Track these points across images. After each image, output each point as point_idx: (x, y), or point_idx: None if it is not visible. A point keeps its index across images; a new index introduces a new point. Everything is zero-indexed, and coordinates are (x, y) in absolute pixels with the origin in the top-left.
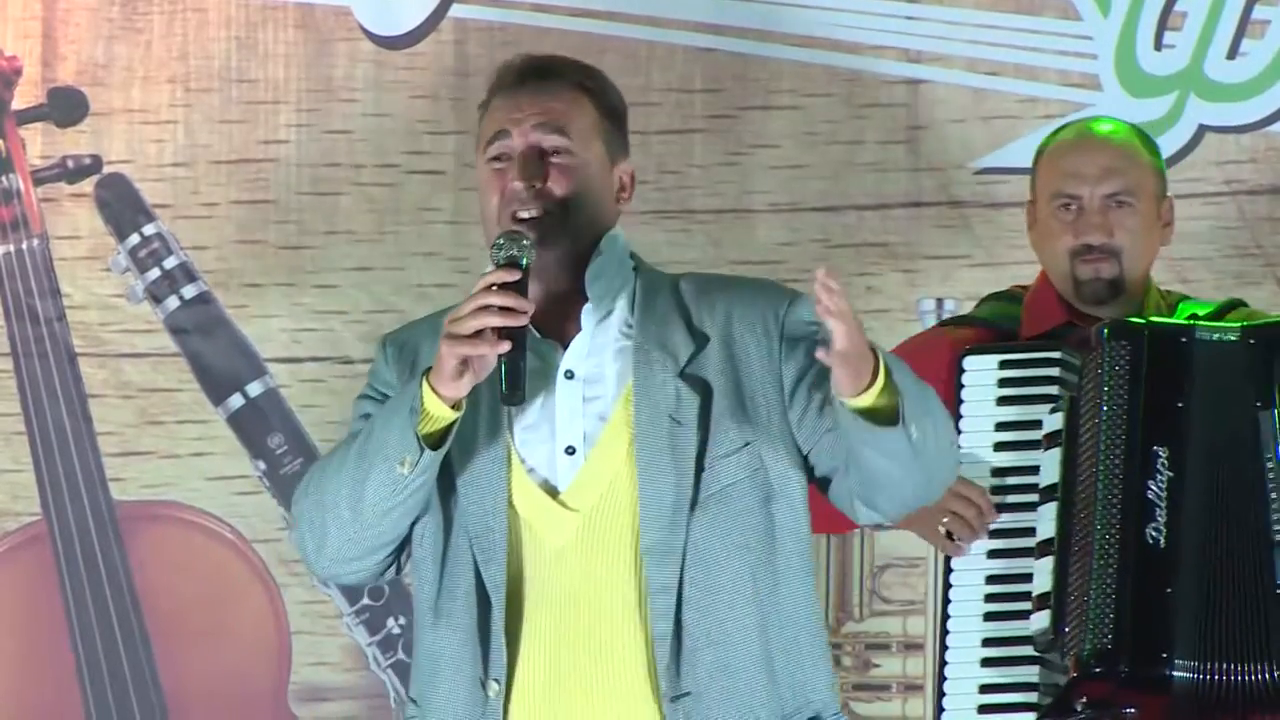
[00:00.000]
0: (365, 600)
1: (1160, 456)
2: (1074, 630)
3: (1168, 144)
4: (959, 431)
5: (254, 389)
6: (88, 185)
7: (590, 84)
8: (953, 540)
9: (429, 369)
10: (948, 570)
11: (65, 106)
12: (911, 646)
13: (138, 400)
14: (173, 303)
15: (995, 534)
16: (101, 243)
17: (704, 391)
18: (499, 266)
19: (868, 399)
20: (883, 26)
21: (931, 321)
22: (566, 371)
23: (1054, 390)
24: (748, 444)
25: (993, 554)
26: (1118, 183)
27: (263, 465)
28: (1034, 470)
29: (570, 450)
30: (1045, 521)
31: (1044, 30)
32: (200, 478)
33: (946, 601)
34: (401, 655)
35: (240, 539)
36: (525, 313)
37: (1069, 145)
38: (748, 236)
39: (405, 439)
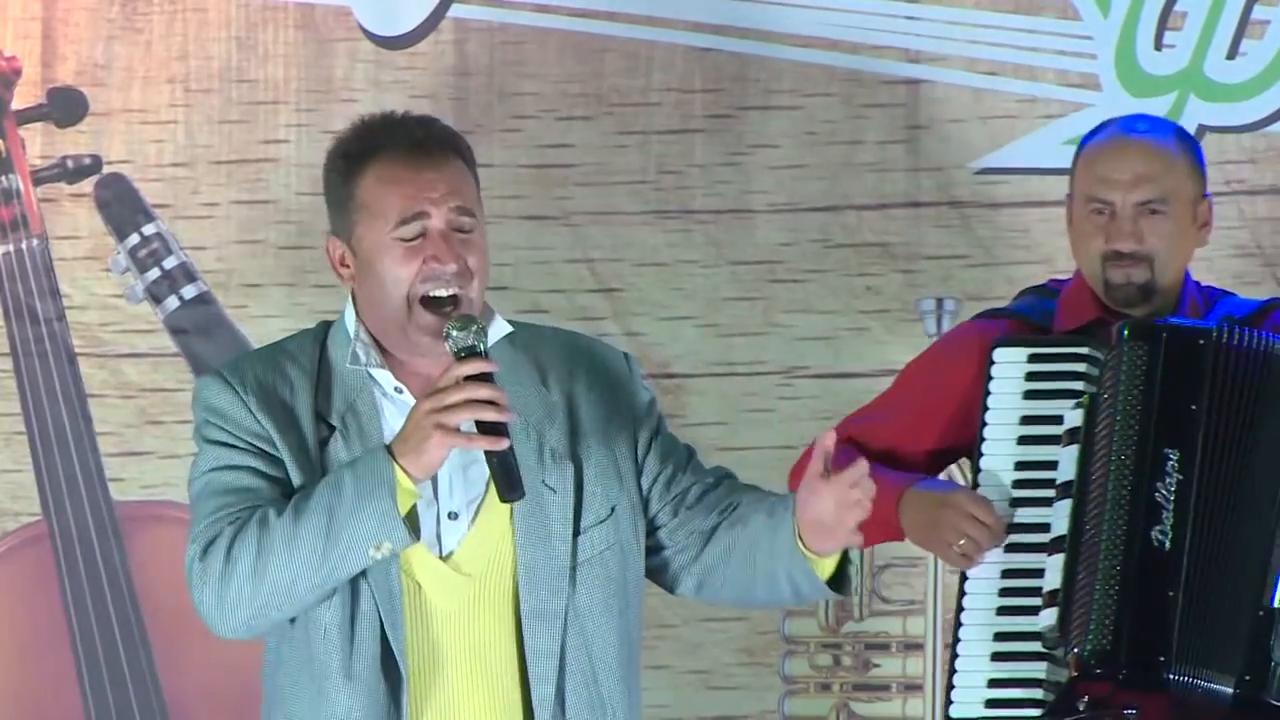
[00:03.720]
0: None
1: (1171, 459)
2: (1077, 629)
3: None
4: (985, 424)
5: None
6: (87, 185)
7: (466, 152)
8: (965, 557)
9: (387, 446)
10: None
11: (65, 106)
12: (911, 646)
13: (137, 400)
14: (172, 303)
15: (1013, 528)
16: (101, 243)
17: (574, 459)
18: (461, 357)
19: (834, 558)
20: (883, 26)
21: (931, 322)
22: None
23: (1079, 386)
24: (613, 509)
25: (1009, 548)
26: (1150, 190)
27: None
28: (1053, 465)
29: (453, 516)
30: (1059, 518)
31: (1043, 30)
32: None
33: (962, 594)
34: None
35: None
36: (506, 405)
37: (1104, 148)
38: (748, 236)
39: (389, 525)
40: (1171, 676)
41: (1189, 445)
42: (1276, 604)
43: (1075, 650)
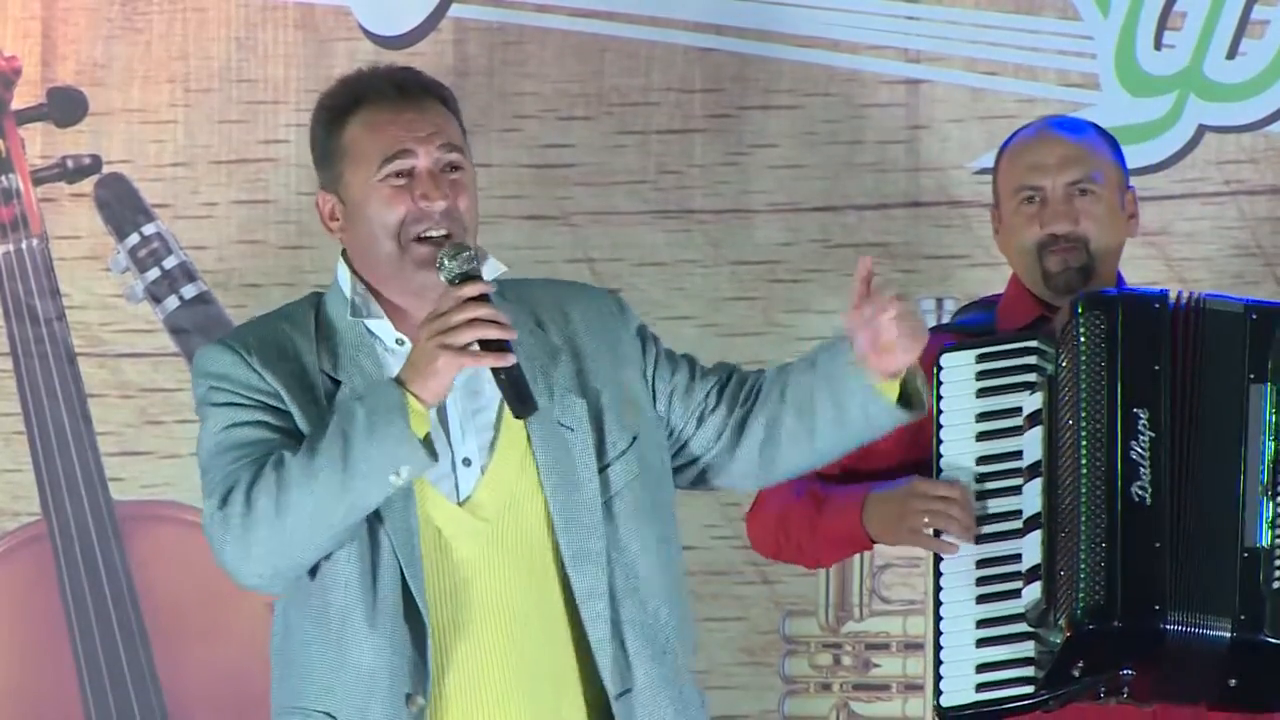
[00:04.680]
0: None
1: (1141, 418)
2: (1065, 593)
3: (1168, 144)
4: (940, 426)
5: None
6: (87, 185)
7: (451, 99)
8: (941, 539)
9: (395, 378)
10: (937, 558)
11: (65, 106)
12: (911, 646)
13: (137, 400)
14: (172, 303)
15: (982, 519)
16: (101, 243)
17: (587, 395)
18: (454, 282)
19: (895, 383)
20: (882, 26)
21: (931, 321)
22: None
23: (1032, 378)
24: (634, 438)
25: (981, 538)
26: (1078, 170)
27: None
28: (1017, 455)
29: (467, 462)
30: (1030, 498)
31: (1043, 30)
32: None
33: (938, 590)
34: None
35: None
36: (508, 324)
37: (1027, 142)
38: (747, 236)
39: (403, 448)
40: (1169, 627)
41: (1156, 404)
42: (1264, 542)
43: (1066, 611)
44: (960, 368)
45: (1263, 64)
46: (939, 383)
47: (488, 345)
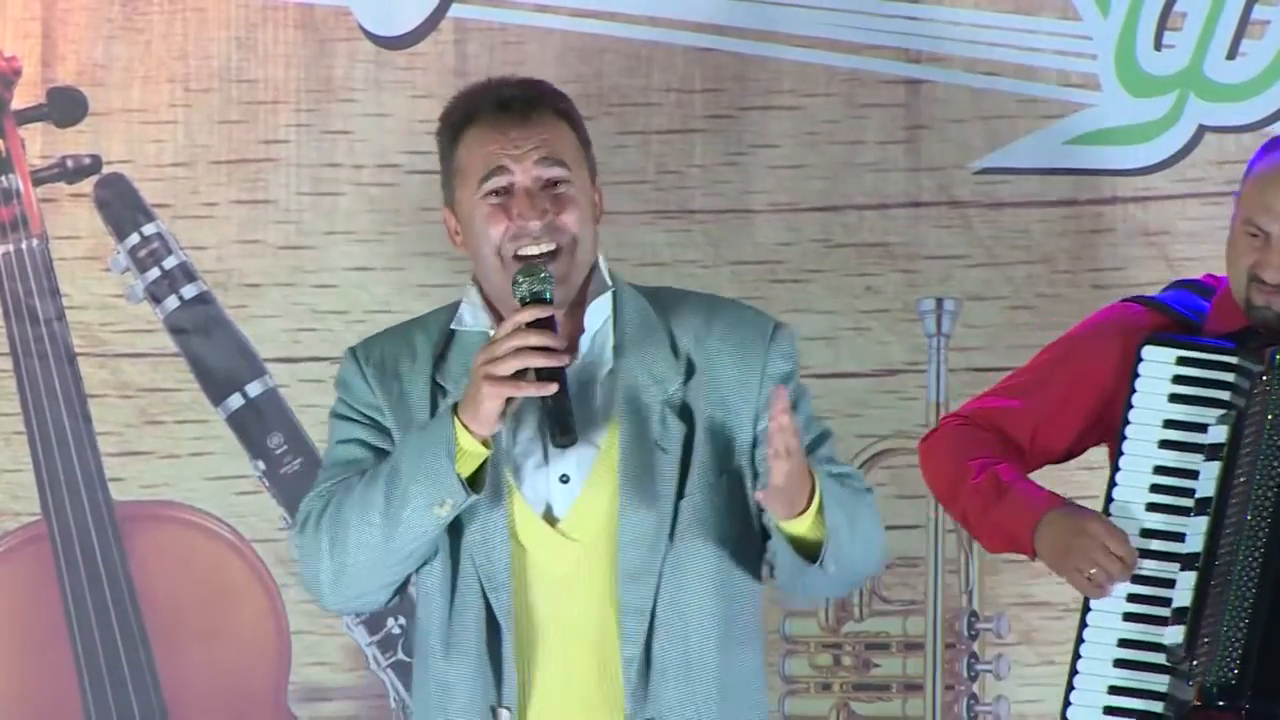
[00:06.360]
0: None
1: None
2: (1203, 655)
3: (1168, 144)
4: (1128, 422)
5: (253, 389)
6: (87, 185)
7: (566, 109)
8: (1092, 581)
9: (454, 404)
10: None
11: (65, 106)
12: (911, 646)
13: (137, 400)
14: (172, 303)
15: (1146, 534)
16: (101, 243)
17: (689, 420)
18: (525, 304)
19: (799, 526)
20: (883, 26)
21: (931, 322)
22: None
23: (1226, 395)
24: (724, 474)
25: (1142, 554)
26: None
27: (262, 465)
28: (1192, 475)
29: (564, 479)
30: (1195, 534)
31: (1043, 30)
32: (200, 478)
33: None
34: (401, 655)
35: (240, 539)
36: (562, 350)
37: (1274, 176)
38: (748, 236)
39: (445, 483)
40: None
41: None
42: None
43: (1199, 679)
44: (1159, 364)
45: (1263, 64)
46: (1136, 374)
47: (541, 372)
